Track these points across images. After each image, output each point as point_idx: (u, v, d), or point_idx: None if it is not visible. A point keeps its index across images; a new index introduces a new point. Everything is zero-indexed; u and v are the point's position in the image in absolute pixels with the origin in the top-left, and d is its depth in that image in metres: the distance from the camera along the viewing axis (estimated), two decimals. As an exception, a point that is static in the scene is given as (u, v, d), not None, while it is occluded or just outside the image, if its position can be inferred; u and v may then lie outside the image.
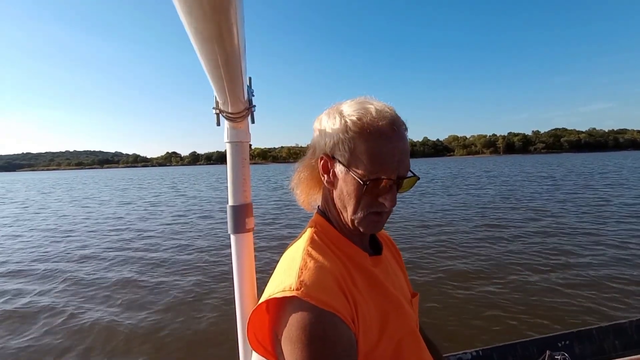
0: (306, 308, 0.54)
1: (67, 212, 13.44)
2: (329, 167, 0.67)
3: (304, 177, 0.75)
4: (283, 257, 0.69)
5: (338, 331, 0.54)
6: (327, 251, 0.65)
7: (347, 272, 0.64)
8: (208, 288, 4.61)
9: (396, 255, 0.88)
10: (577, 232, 6.96)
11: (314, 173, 0.73)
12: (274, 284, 0.61)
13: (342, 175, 0.64)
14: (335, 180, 0.66)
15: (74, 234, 8.77)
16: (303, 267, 0.59)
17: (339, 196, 0.67)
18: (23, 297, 4.54)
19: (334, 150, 0.64)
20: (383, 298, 0.67)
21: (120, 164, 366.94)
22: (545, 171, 27.77)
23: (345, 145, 0.62)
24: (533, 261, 5.21)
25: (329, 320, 0.54)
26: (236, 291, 0.88)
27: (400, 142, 0.61)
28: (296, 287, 0.56)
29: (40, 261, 6.27)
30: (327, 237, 0.69)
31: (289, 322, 0.55)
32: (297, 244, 0.68)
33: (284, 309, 0.57)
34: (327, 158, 0.66)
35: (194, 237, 7.90)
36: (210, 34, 0.46)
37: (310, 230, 0.70)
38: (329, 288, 0.57)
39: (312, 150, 0.72)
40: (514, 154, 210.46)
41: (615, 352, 1.67)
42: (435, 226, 8.03)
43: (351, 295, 0.60)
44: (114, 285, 4.88)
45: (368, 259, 0.70)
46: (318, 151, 0.69)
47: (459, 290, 4.23)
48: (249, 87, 0.86)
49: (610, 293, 3.97)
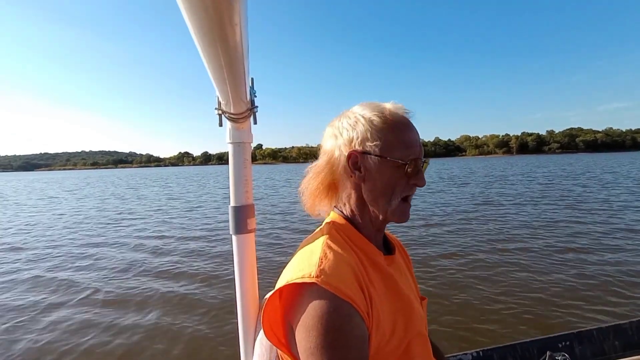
0: (325, 296, 0.55)
1: (63, 211, 13.74)
2: (358, 163, 0.68)
3: (314, 185, 0.75)
4: (300, 250, 0.70)
5: (353, 322, 0.55)
6: (346, 246, 0.66)
7: (363, 267, 0.65)
8: (209, 288, 4.62)
9: (406, 259, 0.88)
10: (578, 232, 6.84)
11: (327, 179, 0.73)
12: (292, 272, 0.61)
13: (376, 166, 0.67)
14: (367, 174, 0.68)
15: (82, 229, 8.99)
16: (323, 257, 0.60)
17: (371, 189, 0.69)
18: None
19: (363, 144, 0.67)
20: (396, 297, 0.68)
21: (134, 164, 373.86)
22: (554, 172, 27.19)
23: (375, 137, 0.66)
24: (533, 262, 5.16)
25: (346, 311, 0.54)
26: (237, 291, 0.88)
27: (416, 131, 0.70)
28: (316, 275, 0.56)
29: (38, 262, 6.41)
30: (345, 233, 0.70)
31: (306, 309, 0.56)
32: (316, 237, 0.70)
33: (301, 295, 0.57)
34: (357, 153, 0.67)
35: (197, 237, 7.85)
36: (213, 35, 0.46)
37: (328, 226, 0.71)
38: (348, 279, 0.58)
39: (327, 157, 0.72)
40: (527, 154, 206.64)
41: (615, 352, 1.67)
42: (434, 225, 7.95)
43: (367, 290, 0.60)
44: (111, 285, 4.91)
45: (383, 258, 0.71)
46: (342, 151, 0.70)
47: (459, 291, 4.19)
48: (251, 88, 0.86)
49: (610, 294, 3.93)
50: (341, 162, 0.69)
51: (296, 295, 0.58)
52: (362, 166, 0.68)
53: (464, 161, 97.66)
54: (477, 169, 39.98)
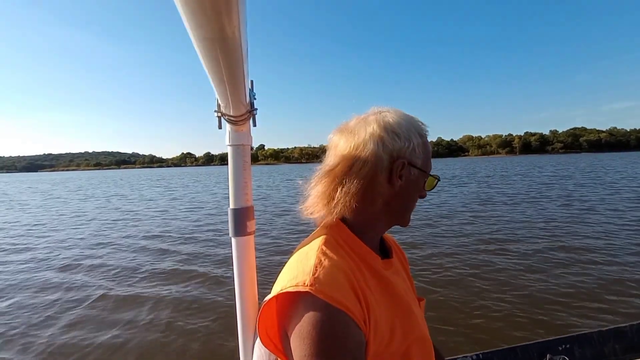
0: (318, 305, 0.54)
1: (65, 212, 13.82)
2: (401, 172, 0.69)
3: (330, 187, 0.69)
4: (295, 255, 0.69)
5: (348, 330, 0.54)
6: (341, 251, 0.65)
7: (360, 273, 0.64)
8: (209, 290, 4.61)
9: (403, 261, 0.88)
10: (580, 233, 6.81)
11: (356, 182, 0.67)
12: (286, 279, 0.61)
13: (415, 177, 0.70)
14: (405, 184, 0.70)
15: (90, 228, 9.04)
16: (318, 264, 0.60)
17: (403, 200, 0.71)
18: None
19: (412, 155, 0.69)
20: (394, 302, 0.67)
21: (137, 165, 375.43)
22: (555, 172, 27.07)
23: (421, 150, 0.70)
24: (533, 262, 5.14)
25: (340, 319, 0.54)
26: (237, 293, 0.88)
27: None
28: (310, 283, 0.56)
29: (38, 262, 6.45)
30: (342, 237, 0.69)
31: (300, 317, 0.55)
32: (311, 243, 0.68)
33: (296, 304, 0.57)
34: (406, 163, 0.68)
35: (196, 239, 7.79)
36: (212, 37, 0.46)
37: (324, 229, 0.70)
38: (343, 287, 0.58)
39: (363, 160, 0.67)
40: (530, 154, 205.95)
41: (615, 356, 1.67)
42: (434, 225, 7.93)
43: (364, 296, 0.60)
44: (110, 284, 4.92)
45: (380, 262, 0.71)
46: (390, 157, 0.67)
47: (459, 293, 4.18)
48: (250, 91, 0.86)
49: (611, 296, 3.90)
50: (383, 168, 0.67)
51: (291, 303, 0.58)
52: (404, 176, 0.69)
53: (466, 161, 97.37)
54: (479, 169, 39.88)
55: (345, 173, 0.68)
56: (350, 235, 0.70)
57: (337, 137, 0.73)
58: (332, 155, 0.72)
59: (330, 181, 0.69)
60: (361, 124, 0.70)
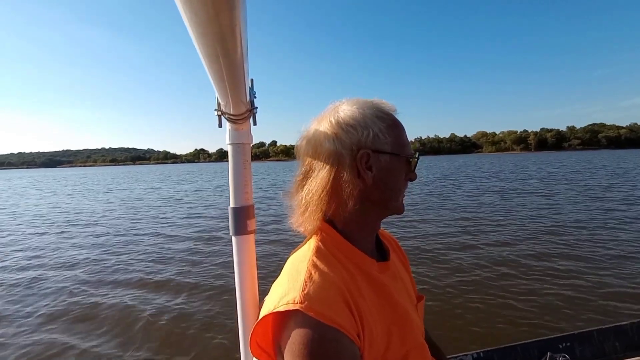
0: (309, 323, 0.53)
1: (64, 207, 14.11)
2: (369, 163, 0.65)
3: (316, 196, 0.67)
4: (287, 266, 0.68)
5: (340, 347, 0.53)
6: (333, 261, 0.64)
7: (353, 282, 0.63)
8: (209, 290, 4.60)
9: (402, 258, 0.86)
10: (580, 233, 6.71)
11: (328, 187, 0.66)
12: (277, 295, 0.60)
13: (387, 164, 0.66)
14: (378, 174, 0.66)
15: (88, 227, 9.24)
16: (308, 280, 0.59)
17: (382, 189, 0.67)
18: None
19: (375, 143, 0.65)
20: (390, 309, 0.66)
21: (152, 161, 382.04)
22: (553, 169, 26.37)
23: (386, 135, 0.66)
24: (533, 262, 5.09)
25: (331, 336, 0.53)
26: (237, 293, 0.89)
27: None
28: (300, 301, 0.55)
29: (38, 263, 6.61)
30: (334, 244, 0.67)
31: (291, 336, 0.54)
32: (302, 253, 0.67)
33: (287, 322, 0.56)
34: (369, 153, 0.65)
35: (197, 238, 7.69)
36: (213, 35, 0.46)
37: (315, 238, 0.68)
38: (334, 302, 0.57)
39: (325, 161, 0.65)
40: (546, 150, 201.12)
41: (616, 353, 1.67)
42: (433, 223, 7.85)
43: (357, 308, 0.59)
44: (109, 284, 4.96)
45: (375, 266, 0.69)
46: (349, 152, 0.65)
47: (459, 292, 4.15)
48: (251, 89, 0.86)
49: (611, 295, 3.87)
50: (346, 165, 0.64)
51: (281, 321, 0.57)
52: (374, 166, 0.65)
53: (478, 158, 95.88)
54: (490, 166, 39.20)
55: (312, 178, 0.68)
56: (341, 240, 0.67)
57: (299, 144, 0.72)
58: (300, 164, 0.72)
59: (302, 189, 0.69)
60: (315, 125, 0.70)
